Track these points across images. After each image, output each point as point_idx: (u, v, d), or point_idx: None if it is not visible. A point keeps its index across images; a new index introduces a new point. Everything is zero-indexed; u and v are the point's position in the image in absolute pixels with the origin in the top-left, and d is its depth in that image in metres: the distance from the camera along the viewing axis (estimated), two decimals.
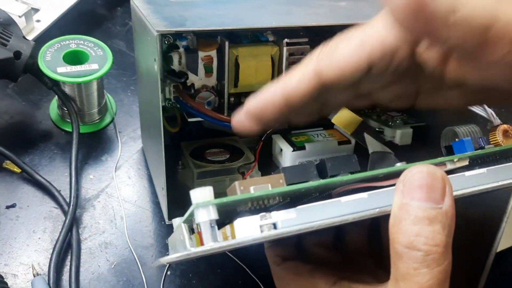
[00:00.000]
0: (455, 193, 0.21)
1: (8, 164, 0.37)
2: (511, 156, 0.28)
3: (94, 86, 0.39)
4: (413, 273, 0.20)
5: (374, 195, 0.21)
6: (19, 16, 0.41)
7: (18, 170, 0.37)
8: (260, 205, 0.22)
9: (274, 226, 0.20)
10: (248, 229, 0.20)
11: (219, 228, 0.21)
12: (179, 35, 0.32)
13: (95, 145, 0.41)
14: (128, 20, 0.52)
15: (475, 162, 0.26)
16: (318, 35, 0.36)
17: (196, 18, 0.31)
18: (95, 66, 0.37)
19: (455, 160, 0.24)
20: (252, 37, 0.33)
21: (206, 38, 0.32)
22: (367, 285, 0.24)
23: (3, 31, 0.37)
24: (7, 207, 0.35)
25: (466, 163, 0.24)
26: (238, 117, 0.26)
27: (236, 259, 0.35)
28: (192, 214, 0.20)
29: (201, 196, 0.20)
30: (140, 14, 0.30)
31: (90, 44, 0.38)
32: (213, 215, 0.20)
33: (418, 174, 0.20)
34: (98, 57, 0.38)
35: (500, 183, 0.23)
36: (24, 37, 0.38)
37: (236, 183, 0.22)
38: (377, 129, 0.38)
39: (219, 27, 0.29)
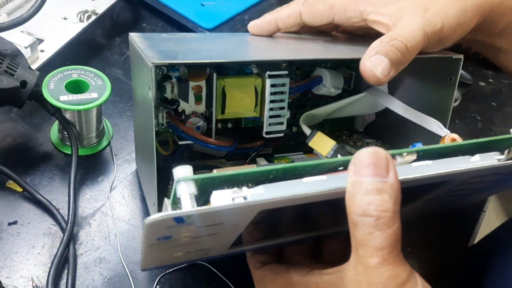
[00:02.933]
0: (402, 179, 0.24)
1: (10, 184, 0.40)
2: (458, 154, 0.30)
3: (93, 112, 0.42)
4: (368, 237, 0.23)
5: (331, 178, 0.24)
6: (25, 47, 0.45)
7: (20, 189, 0.40)
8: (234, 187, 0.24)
9: (245, 199, 0.22)
10: (222, 200, 0.22)
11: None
12: (172, 67, 0.35)
13: (92, 167, 0.43)
14: (125, 49, 0.56)
15: (423, 158, 0.28)
16: (298, 68, 0.40)
17: (187, 52, 0.34)
18: (94, 95, 0.40)
19: (404, 154, 0.26)
20: (238, 69, 0.37)
21: (196, 69, 0.35)
22: (335, 267, 0.26)
23: (11, 62, 0.40)
24: (9, 224, 0.38)
25: (414, 157, 0.26)
26: (250, 24, 0.39)
27: (221, 275, 0.37)
28: (175, 192, 0.23)
29: (182, 172, 0.23)
30: (137, 47, 0.33)
31: (91, 74, 0.42)
32: (192, 189, 0.22)
33: (365, 155, 0.23)
34: (98, 86, 0.41)
35: (443, 171, 0.25)
36: (29, 67, 0.41)
37: (214, 170, 0.25)
38: (351, 154, 0.41)
39: (207, 60, 0.32)
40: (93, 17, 0.54)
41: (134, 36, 0.35)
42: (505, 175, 0.30)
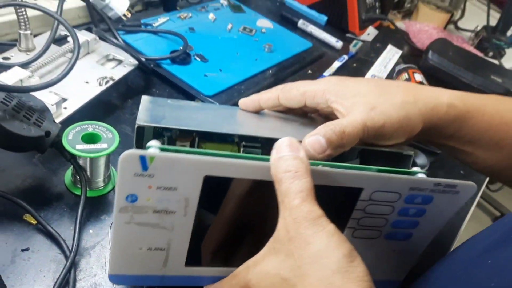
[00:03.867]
0: (313, 168, 0.33)
1: (27, 217, 0.47)
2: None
3: (102, 160, 0.50)
4: (290, 186, 0.31)
5: (260, 162, 0.33)
6: (52, 105, 0.54)
7: (34, 222, 0.47)
8: None
9: None
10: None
11: None
12: (165, 128, 0.42)
13: (97, 206, 0.51)
14: (135, 110, 0.65)
15: None
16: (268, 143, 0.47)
17: (174, 119, 0.40)
18: (105, 145, 0.49)
19: (319, 166, 0.35)
20: (222, 137, 0.42)
21: (184, 133, 0.42)
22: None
23: (39, 116, 0.49)
24: (22, 250, 0.44)
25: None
26: (240, 101, 0.47)
27: None
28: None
29: (154, 143, 0.32)
30: (140, 108, 0.41)
31: (103, 129, 0.50)
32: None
33: (283, 141, 0.34)
34: (108, 139, 0.49)
35: (345, 171, 0.35)
36: (54, 120, 0.50)
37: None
38: None
39: (184, 127, 0.38)
40: (111, 82, 0.63)
41: (144, 98, 0.43)
42: (407, 199, 0.38)
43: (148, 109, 0.41)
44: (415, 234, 0.41)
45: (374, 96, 0.41)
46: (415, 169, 0.39)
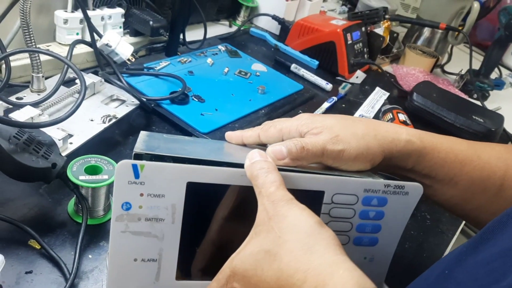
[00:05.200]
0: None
1: (31, 242, 0.51)
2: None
3: (103, 190, 0.55)
4: (265, 179, 0.38)
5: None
6: (59, 139, 0.59)
7: (38, 247, 0.51)
8: None
9: None
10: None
11: None
12: (160, 156, 0.47)
13: (96, 234, 0.55)
14: None
15: None
16: None
17: (165, 149, 0.43)
18: (105, 177, 0.53)
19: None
20: (211, 164, 0.48)
21: (177, 160, 0.47)
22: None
23: (47, 149, 0.54)
24: (26, 273, 0.48)
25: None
26: (226, 133, 0.52)
27: None
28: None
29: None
30: (138, 139, 0.46)
31: (105, 161, 0.55)
32: None
33: (254, 151, 0.41)
34: (109, 171, 0.54)
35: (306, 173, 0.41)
36: (60, 154, 0.55)
37: None
38: None
39: (171, 154, 0.42)
40: (113, 120, 0.69)
41: (142, 133, 0.48)
42: (364, 201, 0.43)
43: (145, 141, 0.45)
44: (381, 239, 0.45)
45: (338, 128, 0.46)
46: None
